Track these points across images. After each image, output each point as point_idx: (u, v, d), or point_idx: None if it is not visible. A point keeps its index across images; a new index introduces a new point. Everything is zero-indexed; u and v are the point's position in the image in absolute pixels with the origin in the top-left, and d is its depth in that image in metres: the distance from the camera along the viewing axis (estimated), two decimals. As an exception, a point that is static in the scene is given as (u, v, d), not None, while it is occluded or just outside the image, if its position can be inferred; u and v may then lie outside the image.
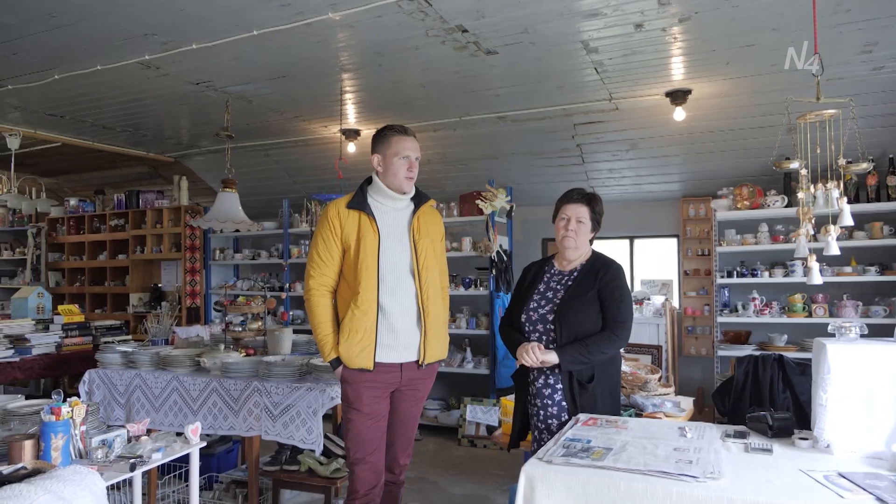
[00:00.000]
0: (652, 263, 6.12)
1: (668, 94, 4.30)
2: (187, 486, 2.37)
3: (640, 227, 5.97)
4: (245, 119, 5.03)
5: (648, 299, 5.65)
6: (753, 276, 5.10)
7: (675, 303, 5.79)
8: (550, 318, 2.40)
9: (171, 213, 6.74)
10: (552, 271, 2.56)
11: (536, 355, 2.31)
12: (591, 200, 2.52)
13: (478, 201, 5.32)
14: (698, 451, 1.79)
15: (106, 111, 4.95)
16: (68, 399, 2.07)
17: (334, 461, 3.30)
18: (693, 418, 2.77)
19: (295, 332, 3.93)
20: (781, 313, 4.99)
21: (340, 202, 2.52)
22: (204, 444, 2.32)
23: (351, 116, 5.02)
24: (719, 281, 5.20)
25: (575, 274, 2.50)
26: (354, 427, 2.44)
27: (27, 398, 2.70)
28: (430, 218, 2.61)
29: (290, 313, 6.00)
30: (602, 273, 2.44)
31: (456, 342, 5.87)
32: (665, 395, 3.02)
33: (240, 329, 3.81)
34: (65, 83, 4.13)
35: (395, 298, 2.44)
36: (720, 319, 5.19)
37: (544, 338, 2.41)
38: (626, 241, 6.12)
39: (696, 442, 1.90)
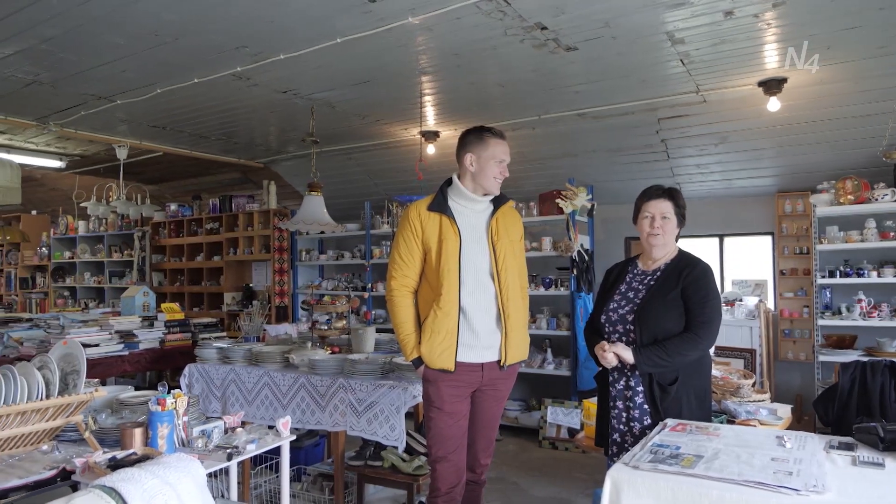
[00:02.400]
0: (744, 263, 5.81)
1: (760, 84, 4.07)
2: (278, 476, 2.48)
3: (730, 224, 5.68)
4: (329, 124, 5.20)
5: (741, 300, 5.37)
6: (859, 275, 4.73)
7: (770, 304, 5.47)
8: (630, 318, 2.34)
9: (261, 217, 7.07)
10: (635, 271, 2.49)
11: (615, 350, 2.26)
12: (673, 195, 2.43)
13: (558, 200, 5.24)
14: (799, 462, 1.68)
15: (202, 121, 5.26)
16: (172, 391, 2.21)
17: (416, 458, 3.35)
18: (791, 427, 2.60)
19: (377, 330, 4.03)
20: (892, 316, 4.61)
21: (421, 204, 2.55)
22: (294, 437, 2.42)
23: (430, 118, 5.08)
24: (820, 281, 4.86)
25: (658, 273, 2.41)
26: (436, 425, 2.47)
27: (136, 389, 2.92)
28: (509, 219, 2.62)
29: (373, 312, 6.16)
30: (686, 272, 2.34)
31: (536, 343, 5.82)
32: (760, 401, 2.87)
33: (325, 327, 3.94)
34: (166, 96, 4.43)
35: (476, 300, 2.47)
36: (821, 322, 4.85)
37: (624, 339, 2.35)
38: (716, 240, 5.85)
39: (797, 453, 1.78)
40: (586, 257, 5.34)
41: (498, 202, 2.60)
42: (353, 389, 3.24)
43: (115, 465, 1.83)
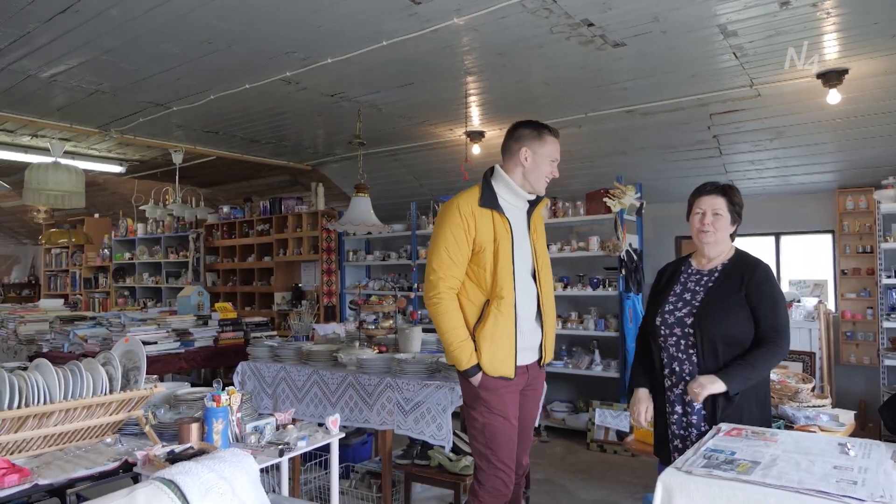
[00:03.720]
0: (802, 262, 5.59)
1: (819, 76, 3.90)
2: (327, 473, 2.53)
3: (787, 222, 5.48)
4: (375, 126, 5.26)
5: (798, 301, 5.17)
6: (928, 275, 4.49)
7: (831, 305, 5.25)
8: (689, 321, 2.24)
9: (310, 218, 7.21)
10: (689, 271, 2.39)
11: (704, 390, 2.12)
12: (726, 191, 2.33)
13: (605, 199, 5.16)
14: (864, 471, 1.61)
15: (253, 126, 5.40)
16: (226, 388, 2.28)
17: (463, 458, 3.36)
18: (855, 434, 2.49)
19: (424, 330, 4.05)
20: (965, 318, 4.36)
21: (470, 199, 2.40)
22: (342, 434, 2.46)
23: (475, 118, 5.07)
24: (885, 281, 4.63)
25: (716, 274, 2.31)
26: (503, 434, 2.38)
27: (191, 386, 3.02)
28: (539, 217, 2.58)
29: (419, 312, 6.19)
30: (749, 275, 2.23)
31: (583, 343, 5.75)
32: (820, 406, 2.75)
33: (372, 327, 3.98)
34: (218, 102, 4.57)
35: (525, 301, 2.42)
36: (887, 325, 4.62)
37: (682, 342, 2.26)
38: (772, 238, 5.65)
39: (861, 461, 1.70)
40: (635, 257, 5.24)
41: (535, 200, 2.52)
42: (399, 388, 3.27)
43: (173, 458, 1.90)
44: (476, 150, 5.51)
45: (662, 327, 2.31)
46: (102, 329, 4.66)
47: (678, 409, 2.29)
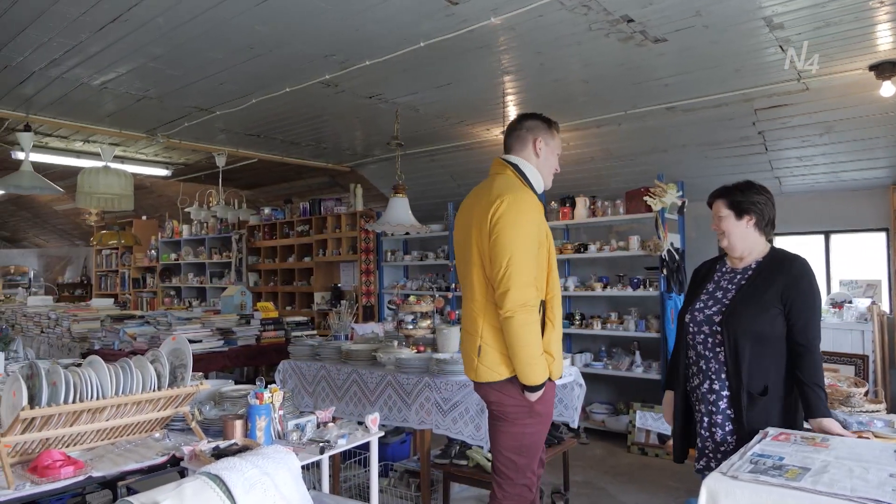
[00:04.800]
0: (853, 261, 5.38)
1: (872, 68, 3.76)
2: (366, 471, 2.55)
3: (837, 220, 5.28)
4: (413, 127, 5.29)
5: (850, 302, 4.98)
6: None
7: (885, 307, 5.04)
8: (717, 319, 2.22)
9: (348, 219, 7.30)
10: (724, 269, 2.37)
11: (832, 429, 2.04)
12: (724, 192, 2.34)
13: (646, 198, 5.07)
14: (922, 478, 1.54)
15: (293, 128, 5.49)
16: (268, 386, 2.32)
17: (501, 459, 3.34)
18: (912, 440, 2.38)
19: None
20: None
21: (527, 190, 2.28)
22: (382, 433, 2.48)
23: (513, 118, 5.04)
24: (944, 281, 4.43)
25: (749, 272, 2.27)
26: (540, 437, 2.32)
27: (235, 383, 3.09)
28: None
29: (457, 312, 6.19)
30: (785, 271, 2.19)
31: (624, 345, 5.66)
32: (874, 412, 2.64)
33: (411, 327, 4.01)
34: (260, 106, 4.66)
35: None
36: (946, 326, 4.42)
37: (710, 340, 2.24)
38: (821, 237, 5.45)
39: (919, 468, 1.63)
40: (677, 256, 5.14)
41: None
42: (438, 388, 3.28)
43: (218, 454, 1.95)
44: (513, 149, 5.47)
45: (691, 325, 2.30)
46: (150, 327, 4.81)
47: (702, 408, 2.26)
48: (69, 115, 4.99)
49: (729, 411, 2.18)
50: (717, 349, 2.21)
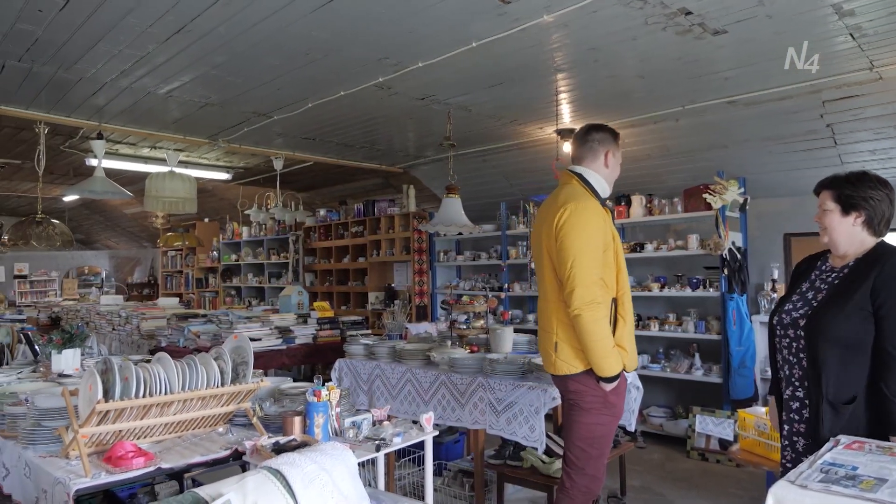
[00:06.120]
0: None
1: (953, 54, 3.53)
2: (420, 469, 2.57)
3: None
4: (465, 127, 5.30)
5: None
6: None
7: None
8: (802, 322, 2.04)
9: (402, 220, 7.38)
10: (823, 268, 2.16)
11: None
12: (833, 182, 2.09)
13: (705, 195, 4.92)
14: None
15: (347, 131, 5.59)
16: (326, 384, 2.37)
17: (556, 461, 3.31)
18: None
19: (515, 331, 4.03)
20: None
21: (592, 198, 2.52)
22: (436, 432, 2.49)
23: (566, 116, 4.99)
24: None
25: (846, 270, 2.06)
26: (611, 429, 2.52)
27: (293, 381, 3.17)
28: None
29: (510, 312, 6.17)
30: (879, 267, 1.95)
31: (682, 347, 5.51)
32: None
33: (464, 327, 4.02)
34: (315, 110, 4.76)
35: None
36: None
37: (794, 344, 2.08)
38: (896, 235, 5.15)
39: None
40: (738, 256, 4.96)
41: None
42: (492, 389, 3.27)
43: (278, 449, 2.01)
44: (567, 147, 5.41)
45: (778, 327, 2.15)
46: (213, 326, 4.99)
47: (784, 416, 2.15)
48: (137, 123, 5.23)
49: (812, 421, 2.01)
50: (801, 355, 2.05)
